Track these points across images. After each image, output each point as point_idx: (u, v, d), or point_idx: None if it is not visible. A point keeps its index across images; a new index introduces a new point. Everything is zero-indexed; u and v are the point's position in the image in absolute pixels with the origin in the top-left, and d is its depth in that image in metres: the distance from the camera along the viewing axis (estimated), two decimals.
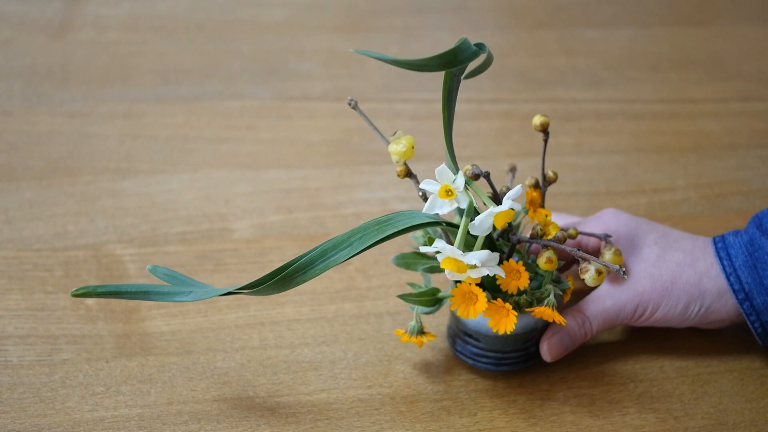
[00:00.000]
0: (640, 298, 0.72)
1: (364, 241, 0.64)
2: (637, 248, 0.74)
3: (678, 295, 0.72)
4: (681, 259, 0.73)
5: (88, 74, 1.07)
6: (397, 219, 0.65)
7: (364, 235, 0.64)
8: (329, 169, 0.95)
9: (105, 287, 0.65)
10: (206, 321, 0.77)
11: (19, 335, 0.75)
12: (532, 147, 0.98)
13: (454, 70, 0.64)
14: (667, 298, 0.72)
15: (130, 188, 0.91)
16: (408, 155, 0.67)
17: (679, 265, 0.73)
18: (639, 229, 0.75)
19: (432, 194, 0.65)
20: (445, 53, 0.61)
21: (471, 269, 0.64)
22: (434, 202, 0.65)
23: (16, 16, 1.17)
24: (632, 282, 0.73)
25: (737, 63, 1.16)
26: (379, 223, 0.64)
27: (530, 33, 1.21)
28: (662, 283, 0.72)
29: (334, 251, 0.64)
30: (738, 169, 0.97)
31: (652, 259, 0.73)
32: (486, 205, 0.65)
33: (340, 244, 0.64)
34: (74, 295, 0.64)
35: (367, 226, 0.64)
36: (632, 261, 0.73)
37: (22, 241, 0.84)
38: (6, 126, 0.99)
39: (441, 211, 0.65)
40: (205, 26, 1.18)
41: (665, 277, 0.72)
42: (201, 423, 0.69)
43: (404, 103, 1.05)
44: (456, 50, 0.62)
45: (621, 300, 0.72)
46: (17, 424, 0.68)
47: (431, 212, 0.65)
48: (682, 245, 0.74)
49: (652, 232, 0.75)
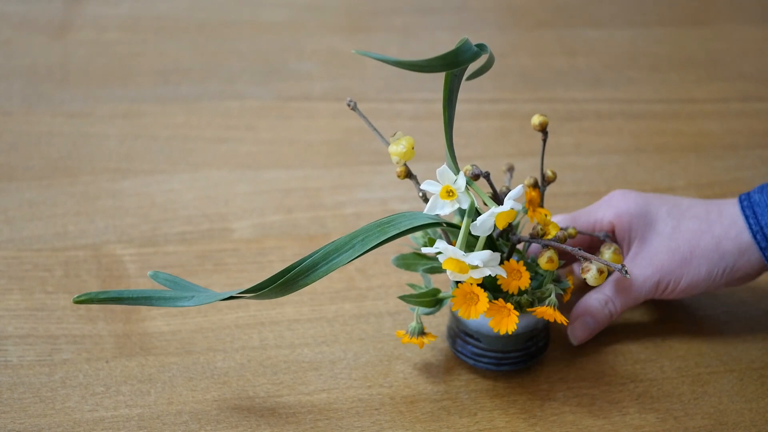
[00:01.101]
0: (661, 272, 0.73)
1: (365, 243, 0.64)
2: (651, 224, 0.74)
3: (698, 262, 0.73)
4: (696, 226, 0.73)
5: (88, 74, 1.07)
6: (398, 220, 0.65)
7: (366, 238, 0.64)
8: (329, 169, 0.95)
9: (107, 293, 0.65)
10: (206, 321, 0.77)
11: (19, 335, 0.75)
12: (532, 147, 0.98)
13: (456, 70, 0.64)
14: (688, 267, 0.73)
15: (130, 188, 0.91)
16: (408, 156, 0.67)
17: (695, 233, 0.73)
18: (650, 205, 0.75)
19: (433, 195, 0.65)
20: (446, 54, 0.61)
21: (473, 270, 0.64)
22: (435, 203, 0.65)
23: (16, 16, 1.17)
24: (651, 257, 0.73)
25: (737, 63, 1.16)
26: (381, 225, 0.64)
27: (530, 33, 1.21)
28: (681, 254, 0.73)
29: (336, 254, 0.64)
30: (738, 169, 0.97)
31: (667, 231, 0.73)
32: (487, 205, 0.65)
33: (342, 247, 0.64)
34: (76, 301, 0.65)
35: (368, 228, 0.64)
36: (649, 237, 0.74)
37: (22, 241, 0.84)
38: (6, 126, 0.99)
39: (442, 212, 0.65)
40: (205, 26, 1.18)
41: (683, 247, 0.73)
42: (201, 423, 0.69)
43: (404, 103, 1.05)
44: (457, 51, 0.62)
45: (642, 277, 0.73)
46: (17, 424, 0.68)
47: (432, 213, 0.65)
48: (695, 212, 0.74)
49: (664, 204, 0.75)
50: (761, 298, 0.81)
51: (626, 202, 0.75)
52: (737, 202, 0.74)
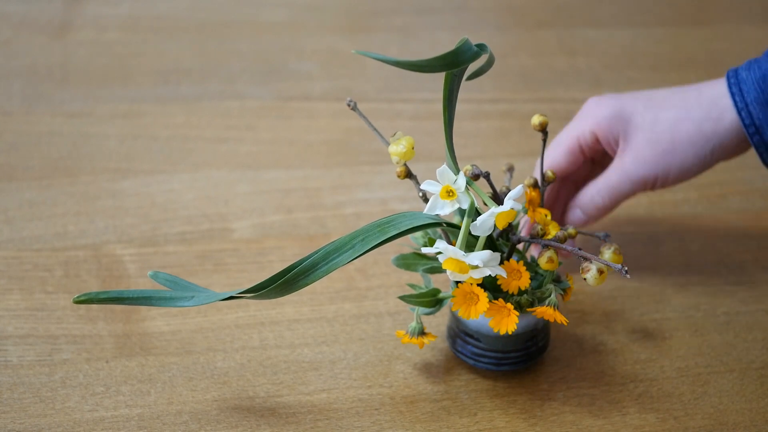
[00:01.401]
0: (645, 168, 0.74)
1: (366, 243, 0.64)
2: (629, 121, 0.75)
3: (683, 149, 0.73)
4: (674, 115, 0.74)
5: (88, 74, 1.07)
6: (398, 220, 0.65)
7: (366, 238, 0.64)
8: (329, 169, 0.95)
9: (107, 293, 0.65)
10: (206, 321, 0.77)
11: (19, 335, 0.75)
12: (532, 147, 0.98)
13: (455, 70, 0.64)
14: (673, 157, 0.73)
15: (130, 188, 0.91)
16: (408, 156, 0.67)
17: (674, 121, 0.74)
18: (625, 104, 0.76)
19: (433, 195, 0.65)
20: (446, 54, 0.61)
21: (473, 270, 0.64)
22: (435, 203, 0.65)
23: (16, 16, 1.17)
24: (635, 154, 0.74)
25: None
26: (381, 225, 0.64)
27: (530, 33, 1.21)
28: (662, 145, 0.73)
29: (336, 254, 0.64)
30: (738, 169, 0.97)
31: (646, 125, 0.74)
32: (487, 205, 0.65)
33: (342, 247, 0.64)
34: (76, 302, 0.64)
35: (368, 228, 0.64)
36: (630, 134, 0.75)
37: (22, 241, 0.84)
38: (6, 126, 0.99)
39: (443, 212, 0.65)
40: (205, 26, 1.18)
41: (664, 139, 0.73)
42: (201, 423, 0.69)
43: (404, 103, 1.05)
44: (457, 51, 0.62)
45: (628, 174, 0.75)
46: (17, 424, 0.68)
47: (433, 213, 0.65)
48: (672, 102, 0.75)
49: (638, 99, 0.76)
50: (761, 298, 0.81)
51: (601, 108, 0.76)
52: (723, 80, 0.74)
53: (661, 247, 0.86)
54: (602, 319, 0.79)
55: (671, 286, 0.82)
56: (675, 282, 0.82)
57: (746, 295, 0.81)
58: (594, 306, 0.80)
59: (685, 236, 0.88)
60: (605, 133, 0.76)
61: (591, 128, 0.77)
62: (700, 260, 0.85)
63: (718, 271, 0.84)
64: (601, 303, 0.80)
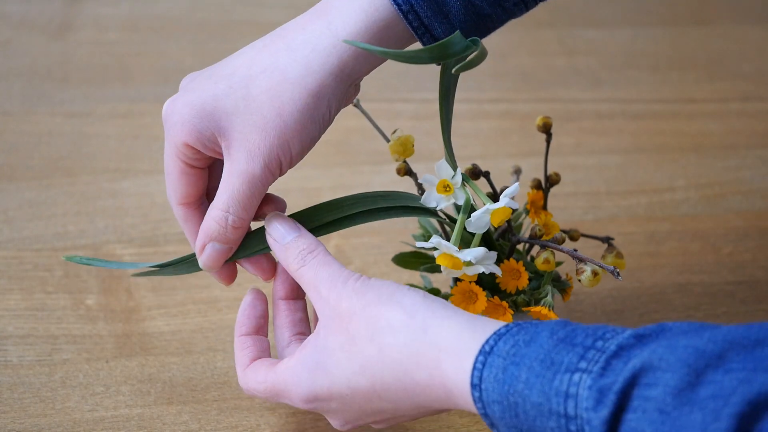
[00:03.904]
0: (261, 157, 0.60)
1: (354, 207, 0.64)
2: (215, 113, 0.61)
3: (295, 119, 0.60)
4: (267, 81, 0.61)
5: (88, 74, 1.07)
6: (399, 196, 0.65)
7: (357, 203, 0.64)
8: (329, 169, 0.95)
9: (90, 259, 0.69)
10: (206, 321, 0.77)
11: (19, 335, 0.75)
12: (533, 147, 0.98)
13: (448, 63, 0.63)
14: (284, 129, 0.60)
15: (130, 188, 0.91)
16: (408, 153, 0.67)
17: (269, 89, 0.60)
18: (202, 94, 0.61)
19: (428, 187, 0.65)
20: (434, 46, 0.60)
21: (467, 266, 0.64)
22: (430, 195, 0.65)
23: (16, 16, 1.17)
24: (242, 147, 0.60)
25: (737, 63, 1.16)
26: (383, 196, 0.65)
27: (530, 33, 1.21)
28: (268, 122, 0.60)
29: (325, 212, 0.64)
30: (738, 169, 0.97)
31: (240, 107, 0.60)
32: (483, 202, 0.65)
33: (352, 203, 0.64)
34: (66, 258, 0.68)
35: (369, 194, 0.64)
36: (225, 128, 0.60)
37: (22, 241, 0.84)
38: (6, 126, 0.99)
39: (437, 206, 0.65)
40: (205, 26, 1.18)
41: (266, 113, 0.60)
42: (201, 423, 0.69)
43: (404, 103, 1.05)
44: (446, 43, 0.61)
45: (246, 174, 0.60)
46: (17, 424, 0.68)
47: (426, 205, 0.65)
48: (261, 63, 0.62)
49: (218, 79, 0.63)
50: (761, 298, 0.81)
51: (177, 113, 0.61)
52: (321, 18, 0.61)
53: (661, 247, 0.86)
54: (602, 319, 0.78)
55: (671, 286, 0.82)
56: (675, 282, 0.82)
57: (746, 295, 0.81)
58: (594, 306, 0.80)
59: (685, 236, 0.88)
60: (196, 140, 0.61)
61: (182, 141, 0.61)
62: (700, 260, 0.85)
63: (718, 271, 0.84)
64: (601, 303, 0.80)
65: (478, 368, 0.52)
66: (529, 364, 0.51)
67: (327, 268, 0.60)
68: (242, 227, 0.62)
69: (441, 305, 0.57)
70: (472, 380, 0.52)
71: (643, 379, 0.48)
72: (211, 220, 0.61)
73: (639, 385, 0.48)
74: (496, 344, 0.53)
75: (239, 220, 0.61)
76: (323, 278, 0.59)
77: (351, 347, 0.57)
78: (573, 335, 0.51)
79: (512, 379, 0.51)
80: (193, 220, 0.64)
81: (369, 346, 0.56)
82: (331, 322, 0.58)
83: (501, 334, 0.53)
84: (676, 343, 0.48)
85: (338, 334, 0.58)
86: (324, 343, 0.58)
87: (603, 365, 0.49)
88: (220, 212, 0.61)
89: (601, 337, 0.51)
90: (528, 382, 0.51)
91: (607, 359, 0.49)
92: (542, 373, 0.50)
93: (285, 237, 0.61)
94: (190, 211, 0.64)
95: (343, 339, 0.57)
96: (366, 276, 0.59)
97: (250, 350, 0.64)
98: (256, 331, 0.65)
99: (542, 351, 0.51)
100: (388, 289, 0.58)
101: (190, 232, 0.65)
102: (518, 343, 0.52)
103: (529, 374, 0.51)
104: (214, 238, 0.62)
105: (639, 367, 0.48)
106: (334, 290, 0.59)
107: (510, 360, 0.52)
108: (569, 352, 0.50)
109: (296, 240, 0.61)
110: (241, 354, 0.63)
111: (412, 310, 0.56)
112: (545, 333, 0.52)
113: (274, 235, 0.62)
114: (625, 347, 0.49)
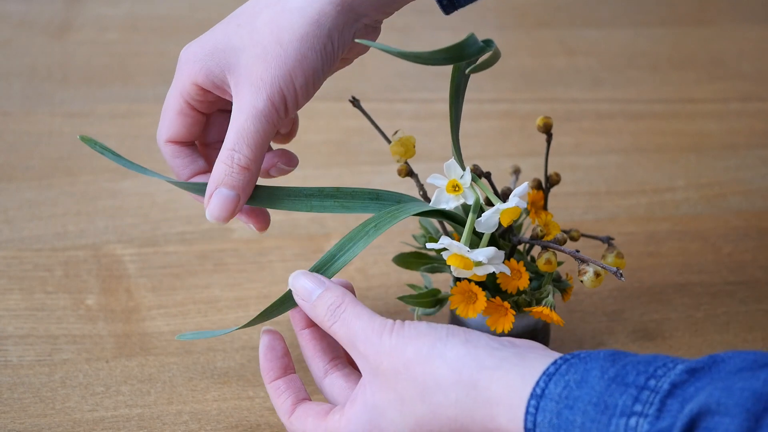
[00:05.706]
0: (265, 89, 0.60)
1: (379, 228, 0.63)
2: (226, 49, 0.62)
3: (294, 47, 0.60)
4: (271, 14, 0.61)
5: (88, 74, 1.07)
6: (407, 207, 0.65)
7: (379, 224, 0.64)
8: (329, 169, 0.95)
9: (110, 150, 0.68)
10: (206, 321, 0.77)
11: (19, 335, 0.75)
12: (533, 147, 0.98)
13: (462, 65, 0.63)
14: (286, 59, 0.60)
15: (130, 188, 0.91)
16: (409, 154, 0.67)
17: (270, 21, 0.61)
18: (214, 34, 0.64)
19: (438, 188, 0.64)
20: (451, 47, 0.61)
21: (477, 266, 0.64)
22: (441, 197, 0.65)
23: (16, 16, 1.17)
24: (247, 81, 0.60)
25: (737, 63, 1.16)
26: (390, 212, 0.64)
27: (530, 33, 1.21)
28: (270, 52, 0.60)
29: (351, 243, 0.63)
30: (738, 169, 0.97)
31: (256, 43, 0.61)
32: (492, 202, 0.65)
33: (356, 236, 0.63)
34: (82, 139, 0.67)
35: (379, 216, 0.64)
36: (233, 63, 0.61)
37: (22, 241, 0.84)
38: (6, 126, 0.99)
39: (447, 206, 0.64)
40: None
41: (267, 44, 0.60)
42: (201, 423, 0.69)
43: (404, 103, 1.05)
44: (462, 44, 0.61)
45: (252, 108, 0.60)
46: (17, 424, 0.68)
47: (437, 207, 0.65)
48: None
49: (227, 21, 0.65)
50: (761, 298, 0.81)
51: (190, 53, 0.63)
52: None
53: (661, 247, 0.86)
54: (602, 319, 0.79)
55: (671, 286, 0.82)
56: (675, 282, 0.82)
57: (746, 295, 0.81)
58: (594, 306, 0.80)
59: (685, 236, 0.88)
60: (205, 78, 0.62)
61: (190, 80, 0.62)
62: (700, 260, 0.85)
63: (718, 271, 0.84)
64: (601, 303, 0.80)
65: (531, 413, 0.52)
66: (583, 408, 0.50)
67: (358, 322, 0.58)
68: (249, 168, 0.61)
69: (485, 352, 0.55)
70: (525, 425, 0.52)
71: (702, 423, 0.47)
72: (219, 162, 0.61)
73: (698, 428, 0.47)
74: (546, 386, 0.52)
75: (245, 158, 0.60)
76: (357, 333, 0.58)
77: (402, 407, 0.56)
78: (624, 373, 0.51)
79: (567, 424, 0.51)
80: (182, 156, 0.65)
81: (420, 405, 0.55)
82: (376, 380, 0.57)
83: (551, 374, 0.52)
84: (733, 386, 0.47)
85: (386, 392, 0.56)
86: (373, 401, 0.57)
87: (658, 407, 0.49)
88: (226, 151, 0.61)
89: (653, 375, 0.50)
90: (584, 427, 0.50)
91: (661, 399, 0.49)
92: (597, 417, 0.50)
93: (312, 295, 0.60)
94: (178, 148, 0.65)
95: (392, 397, 0.56)
96: (399, 322, 0.58)
97: (287, 395, 0.62)
98: (284, 372, 0.63)
99: (594, 393, 0.51)
100: (426, 340, 0.56)
101: (179, 167, 0.65)
102: (569, 385, 0.52)
103: (584, 419, 0.50)
104: (221, 181, 0.61)
105: (696, 411, 0.47)
106: (371, 347, 0.57)
107: (563, 404, 0.51)
108: (623, 394, 0.50)
109: (322, 297, 0.60)
110: (280, 401, 0.62)
111: (458, 366, 0.55)
112: (596, 372, 0.51)
113: (301, 294, 0.61)
114: (679, 384, 0.49)
